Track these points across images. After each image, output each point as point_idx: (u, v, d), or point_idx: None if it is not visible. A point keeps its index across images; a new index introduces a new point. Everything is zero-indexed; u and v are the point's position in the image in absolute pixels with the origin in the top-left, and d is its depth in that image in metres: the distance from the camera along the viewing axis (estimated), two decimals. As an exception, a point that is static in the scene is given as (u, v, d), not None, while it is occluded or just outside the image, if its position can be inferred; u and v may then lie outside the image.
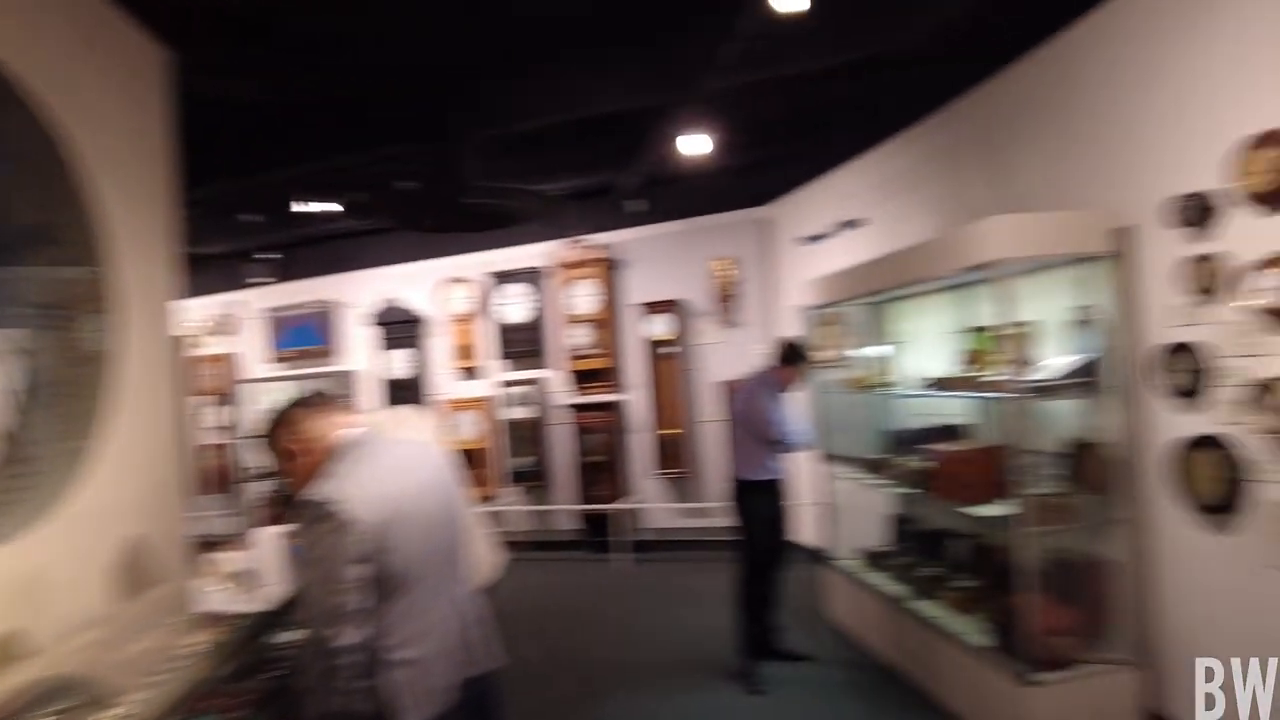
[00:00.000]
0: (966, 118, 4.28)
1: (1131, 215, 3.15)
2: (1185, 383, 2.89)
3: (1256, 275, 2.56)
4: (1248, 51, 2.59)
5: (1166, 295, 2.99)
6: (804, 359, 4.32)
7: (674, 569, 6.49)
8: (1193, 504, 2.91)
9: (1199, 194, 2.79)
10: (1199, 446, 2.85)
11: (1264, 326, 2.59)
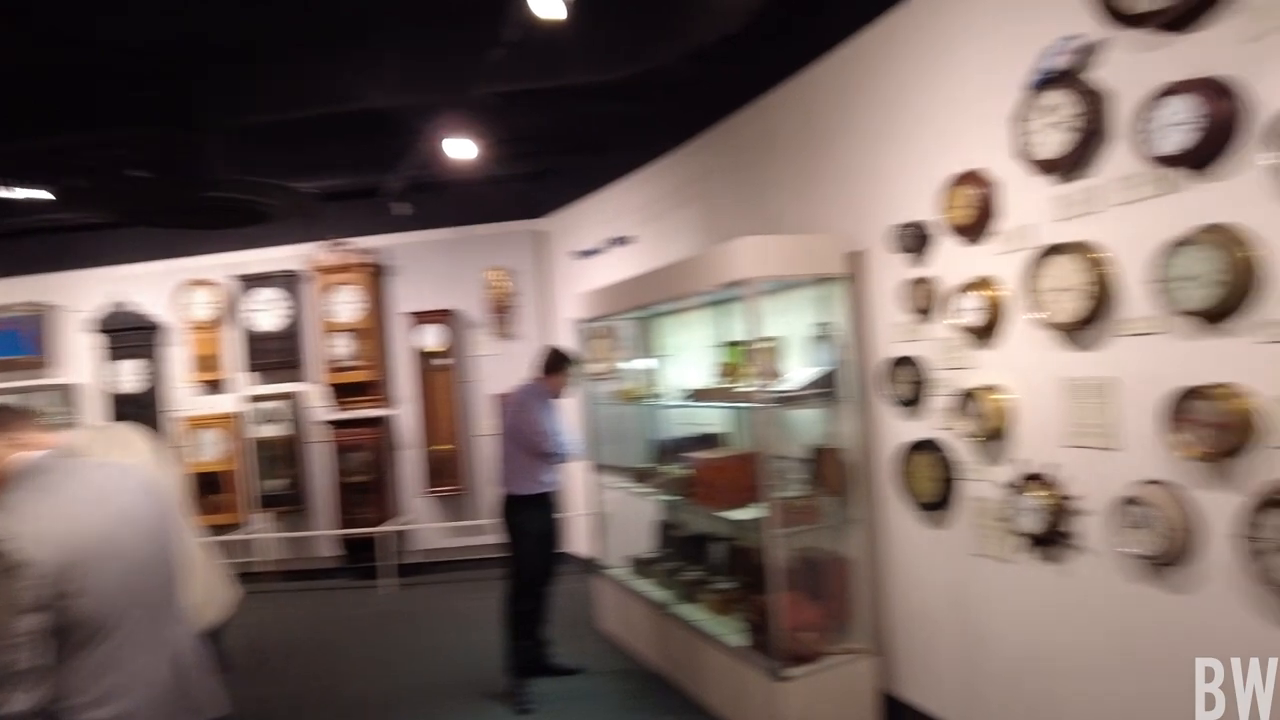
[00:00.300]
0: (725, 142, 4.52)
1: (864, 240, 3.46)
2: (907, 392, 3.21)
3: (960, 297, 2.89)
4: (961, 98, 2.93)
5: (892, 313, 3.32)
6: (569, 366, 4.32)
7: (444, 591, 6.25)
8: (914, 502, 3.23)
9: (916, 223, 3.12)
10: (919, 450, 3.18)
11: (967, 343, 2.94)
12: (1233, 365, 2.08)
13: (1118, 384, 2.40)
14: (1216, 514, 2.14)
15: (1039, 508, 2.60)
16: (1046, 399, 2.63)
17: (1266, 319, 1.99)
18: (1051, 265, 2.52)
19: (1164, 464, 2.27)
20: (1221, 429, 2.05)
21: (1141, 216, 2.29)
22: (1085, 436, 2.50)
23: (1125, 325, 2.35)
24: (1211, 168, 2.10)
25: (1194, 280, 2.08)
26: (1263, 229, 1.99)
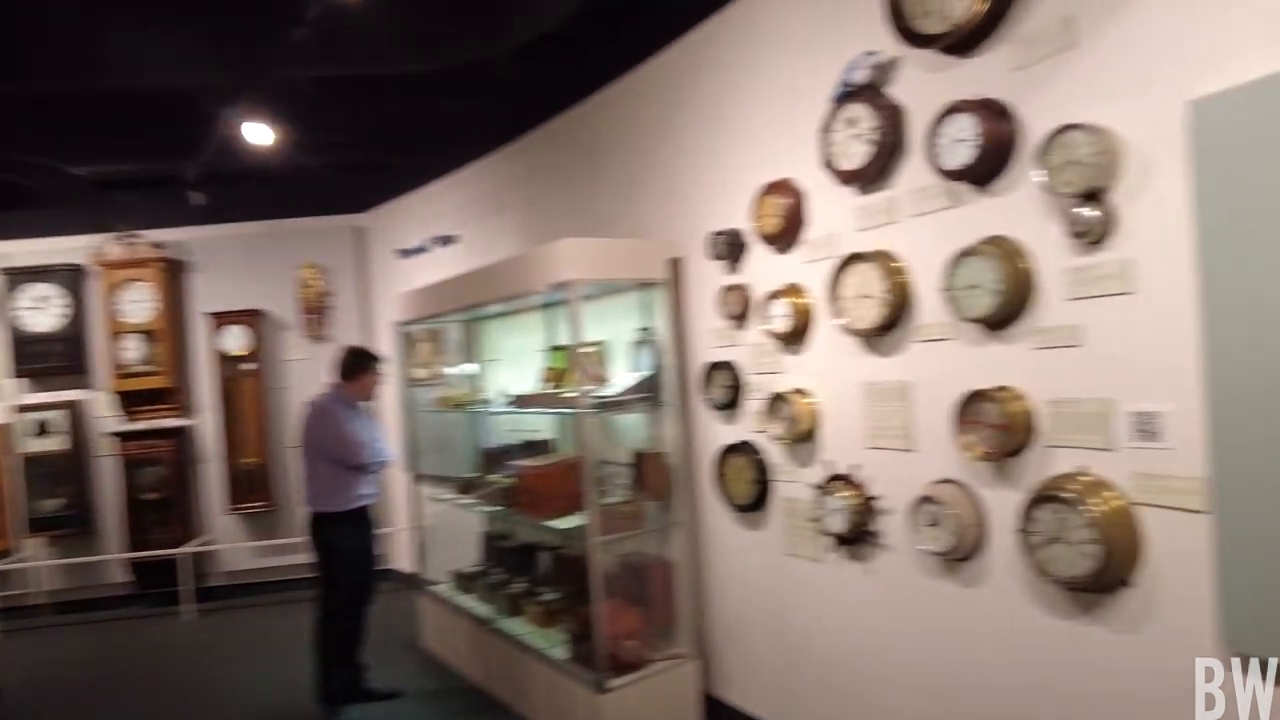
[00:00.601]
0: (552, 142, 4.42)
1: (685, 247, 3.47)
2: (724, 396, 3.24)
3: (771, 304, 2.94)
4: (773, 108, 2.98)
5: (710, 319, 3.34)
6: (373, 367, 4.05)
7: (252, 616, 5.76)
8: (732, 505, 3.26)
9: (731, 231, 3.15)
10: (735, 452, 3.21)
11: (777, 348, 3.00)
12: (1012, 370, 2.21)
13: (913, 388, 2.50)
14: (1000, 511, 2.28)
15: (845, 508, 2.68)
16: (850, 402, 2.72)
17: (1038, 326, 2.13)
18: (853, 273, 2.60)
19: (955, 464, 2.38)
20: (1002, 430, 2.17)
21: (933, 228, 2.40)
22: (885, 438, 2.60)
23: (920, 332, 2.46)
24: (992, 183, 2.22)
25: (977, 289, 2.20)
26: (1035, 242, 2.13)
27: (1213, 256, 1.73)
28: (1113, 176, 1.93)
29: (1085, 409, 2.03)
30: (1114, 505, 1.96)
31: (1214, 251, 1.73)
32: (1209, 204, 1.73)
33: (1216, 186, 1.71)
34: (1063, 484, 2.05)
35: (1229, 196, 1.69)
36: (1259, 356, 1.65)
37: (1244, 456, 1.70)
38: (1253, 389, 1.67)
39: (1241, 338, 1.68)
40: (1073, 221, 1.98)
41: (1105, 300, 1.98)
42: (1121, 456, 1.97)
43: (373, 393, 4.09)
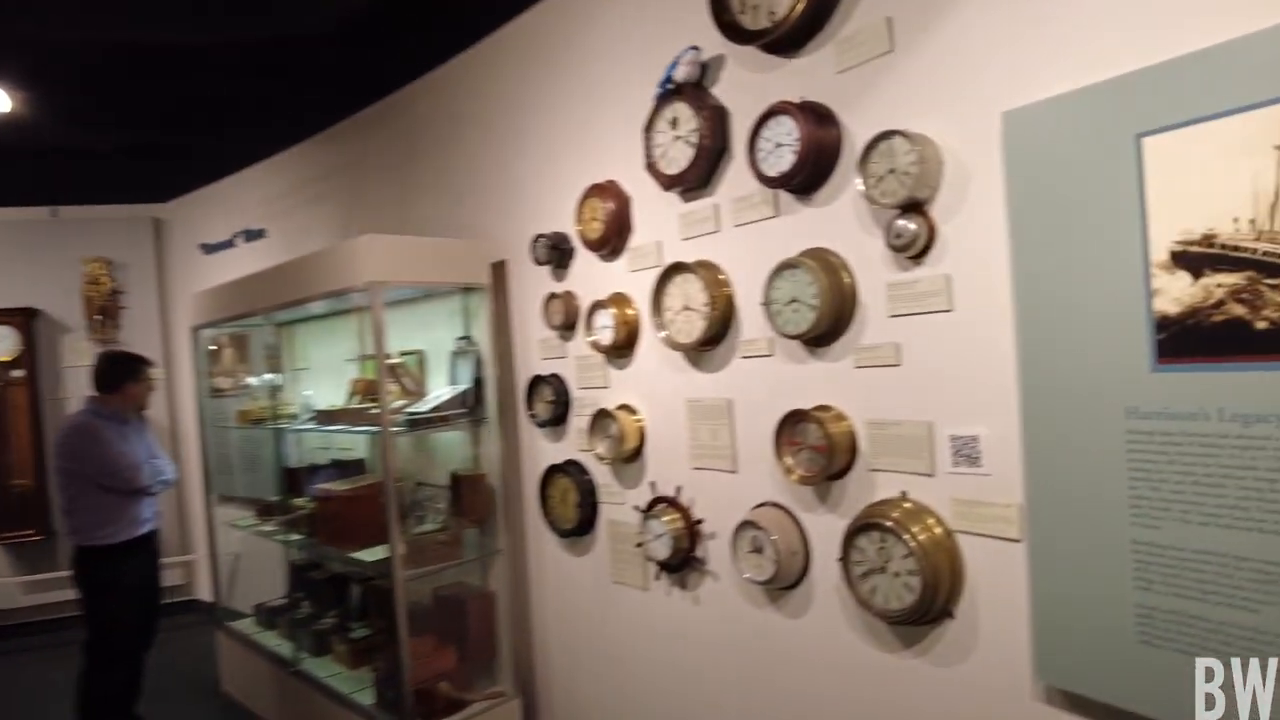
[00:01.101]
0: (369, 132, 4.04)
1: (509, 250, 3.21)
2: (550, 412, 3.00)
3: (596, 315, 2.73)
4: (597, 105, 2.77)
5: (535, 329, 3.09)
6: (138, 375, 3.55)
7: (18, 663, 4.97)
8: (557, 529, 3.02)
9: (555, 235, 2.91)
10: (560, 473, 2.98)
11: (602, 361, 2.79)
12: (834, 389, 2.09)
13: (737, 406, 2.36)
14: (822, 538, 2.16)
15: (669, 533, 2.50)
16: (676, 421, 2.55)
17: (860, 344, 2.02)
18: (677, 284, 2.43)
19: (777, 487, 2.25)
20: (823, 452, 2.05)
21: (755, 238, 2.26)
22: (710, 459, 2.44)
23: (743, 347, 2.32)
24: (815, 192, 2.10)
25: (798, 304, 2.07)
26: (857, 255, 2.02)
27: (1025, 273, 1.66)
28: (933, 188, 1.83)
29: (906, 431, 1.94)
30: (935, 533, 1.87)
31: (1026, 268, 1.66)
32: (1021, 219, 1.66)
33: (1027, 201, 1.64)
34: (884, 511, 1.94)
35: (1039, 212, 1.62)
36: (1064, 378, 1.59)
37: (1054, 482, 1.63)
38: (1061, 412, 1.60)
39: (1050, 357, 1.62)
40: (895, 234, 1.87)
41: (926, 317, 1.89)
42: (942, 482, 1.88)
43: (144, 402, 3.57)
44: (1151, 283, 1.45)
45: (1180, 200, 1.41)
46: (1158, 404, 1.45)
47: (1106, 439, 1.53)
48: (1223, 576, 1.39)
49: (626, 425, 2.66)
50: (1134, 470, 1.49)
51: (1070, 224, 1.56)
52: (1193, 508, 1.42)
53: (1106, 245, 1.51)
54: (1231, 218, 1.35)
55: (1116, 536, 1.53)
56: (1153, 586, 1.49)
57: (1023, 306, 1.67)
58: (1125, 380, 1.49)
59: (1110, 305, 1.51)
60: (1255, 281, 1.33)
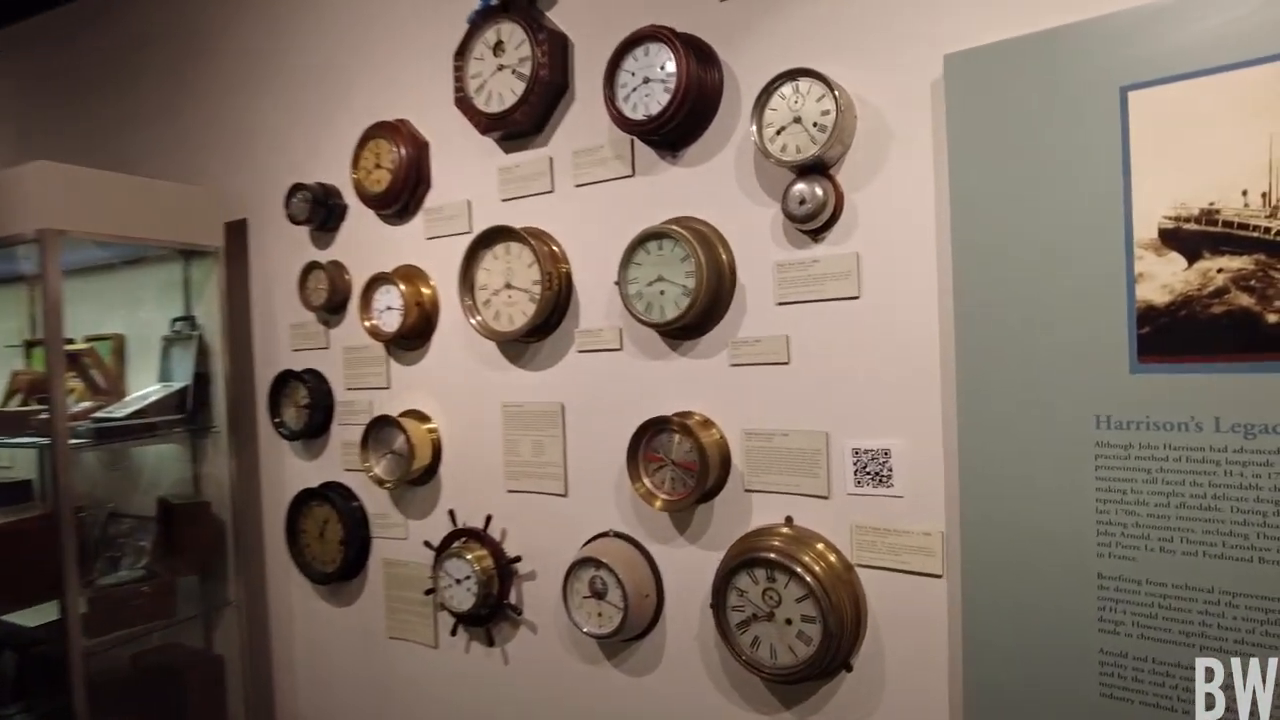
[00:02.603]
0: (81, 35, 3.00)
1: (255, 203, 2.46)
2: (305, 421, 2.31)
3: (377, 292, 2.11)
4: (384, 24, 2.16)
5: (289, 310, 2.38)
6: None
7: None
8: (313, 573, 2.33)
9: (320, 187, 2.24)
10: (319, 500, 2.29)
11: (383, 355, 2.18)
12: (704, 392, 1.69)
13: (574, 413, 1.88)
14: (680, 574, 1.74)
15: (474, 574, 1.94)
16: (485, 431, 2.01)
17: (740, 336, 1.64)
18: (494, 257, 1.90)
19: (627, 514, 1.80)
20: (689, 470, 1.63)
21: (607, 201, 1.80)
22: (534, 479, 1.93)
23: (585, 339, 1.84)
24: (688, 146, 1.69)
25: (665, 284, 1.64)
26: (741, 227, 1.64)
27: (965, 252, 1.36)
28: (845, 146, 1.49)
29: (795, 444, 1.58)
30: (832, 567, 1.52)
31: (967, 246, 1.36)
32: (964, 187, 1.36)
33: (972, 165, 1.35)
34: (764, 541, 1.57)
35: (987, 179, 1.33)
36: (1013, 380, 1.31)
37: (994, 505, 1.35)
38: (1008, 421, 1.32)
39: (994, 355, 1.33)
40: (797, 201, 1.51)
41: (826, 305, 1.54)
42: (841, 505, 1.54)
43: None
44: (1134, 266, 1.20)
45: (1174, 168, 1.17)
46: (1136, 411, 1.20)
47: (1068, 453, 1.26)
48: (1211, 616, 1.16)
49: (416, 437, 2.06)
50: (1104, 491, 1.24)
51: (1030, 195, 1.28)
52: (1177, 535, 1.18)
53: (1077, 221, 1.24)
54: (1239, 190, 1.12)
55: (1077, 570, 1.27)
56: (1121, 628, 1.23)
57: (960, 293, 1.37)
58: (1096, 383, 1.23)
59: (1080, 293, 1.24)
60: (1267, 266, 1.11)
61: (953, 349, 1.40)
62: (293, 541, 2.35)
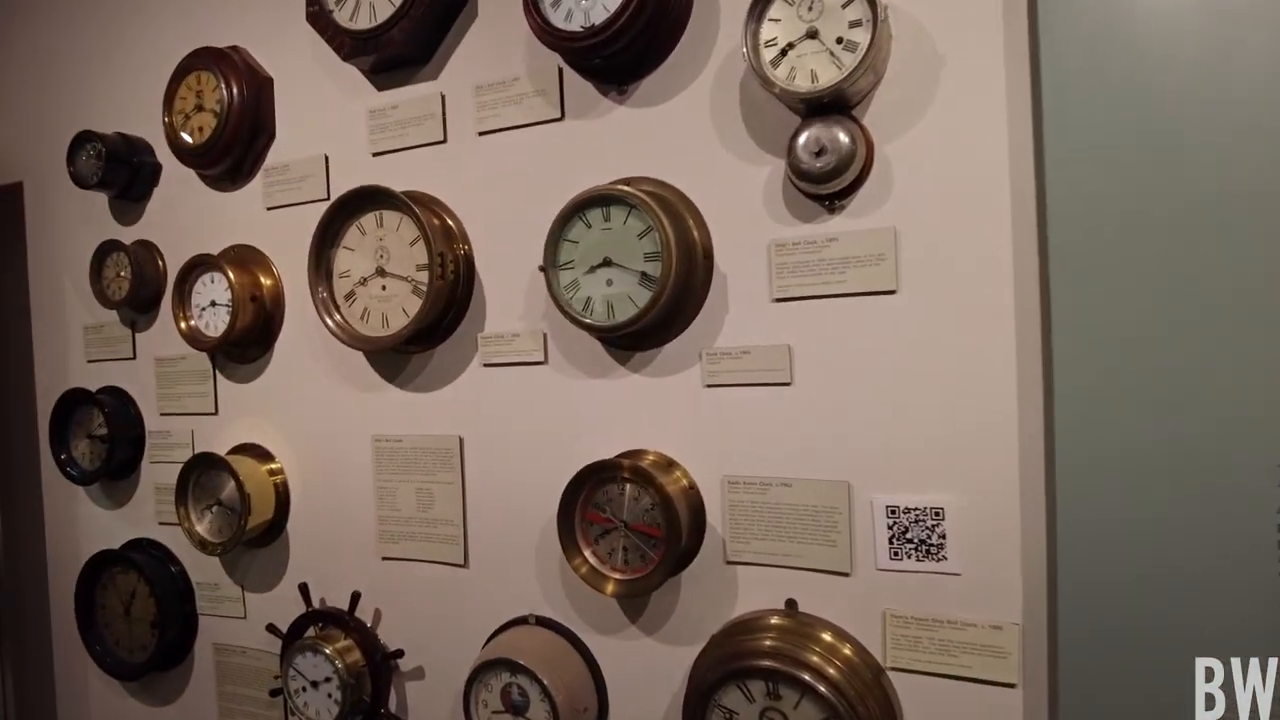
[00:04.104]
0: None
1: (31, 161, 1.82)
2: (101, 457, 1.68)
3: (195, 282, 1.53)
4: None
5: (80, 306, 1.75)
6: None
7: None
8: (116, 663, 1.71)
9: (120, 139, 1.63)
10: (123, 565, 1.68)
11: (207, 366, 1.59)
12: (662, 422, 1.20)
13: (471, 450, 1.35)
14: (641, 684, 1.25)
15: (337, 674, 1.39)
16: (349, 474, 1.45)
17: (719, 345, 1.16)
18: (365, 230, 1.35)
19: (553, 592, 1.30)
20: (658, 537, 1.14)
21: (522, 154, 1.29)
22: (416, 543, 1.39)
23: (488, 345, 1.32)
24: (638, 79, 1.20)
25: (615, 270, 1.14)
26: (713, 190, 1.16)
27: (1063, 228, 0.93)
28: (875, 74, 1.04)
29: (802, 498, 1.11)
30: (854, 674, 1.06)
31: (1066, 220, 0.93)
32: (1061, 130, 0.92)
33: (1076, 97, 0.91)
34: (762, 640, 1.10)
35: (1098, 117, 0.90)
36: (1148, 420, 0.89)
37: (1110, 593, 0.92)
38: (1138, 467, 0.89)
39: (1116, 385, 0.90)
40: (812, 149, 1.04)
41: (847, 303, 1.08)
42: (868, 585, 1.09)
43: None
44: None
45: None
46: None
47: (1233, 523, 0.85)
48: None
49: (253, 483, 1.49)
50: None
51: (1179, 148, 0.86)
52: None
53: (1258, 183, 0.82)
54: None
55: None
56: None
57: (1058, 291, 0.93)
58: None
59: (1257, 287, 0.83)
60: None
61: (1037, 368, 0.97)
62: (87, 622, 1.72)
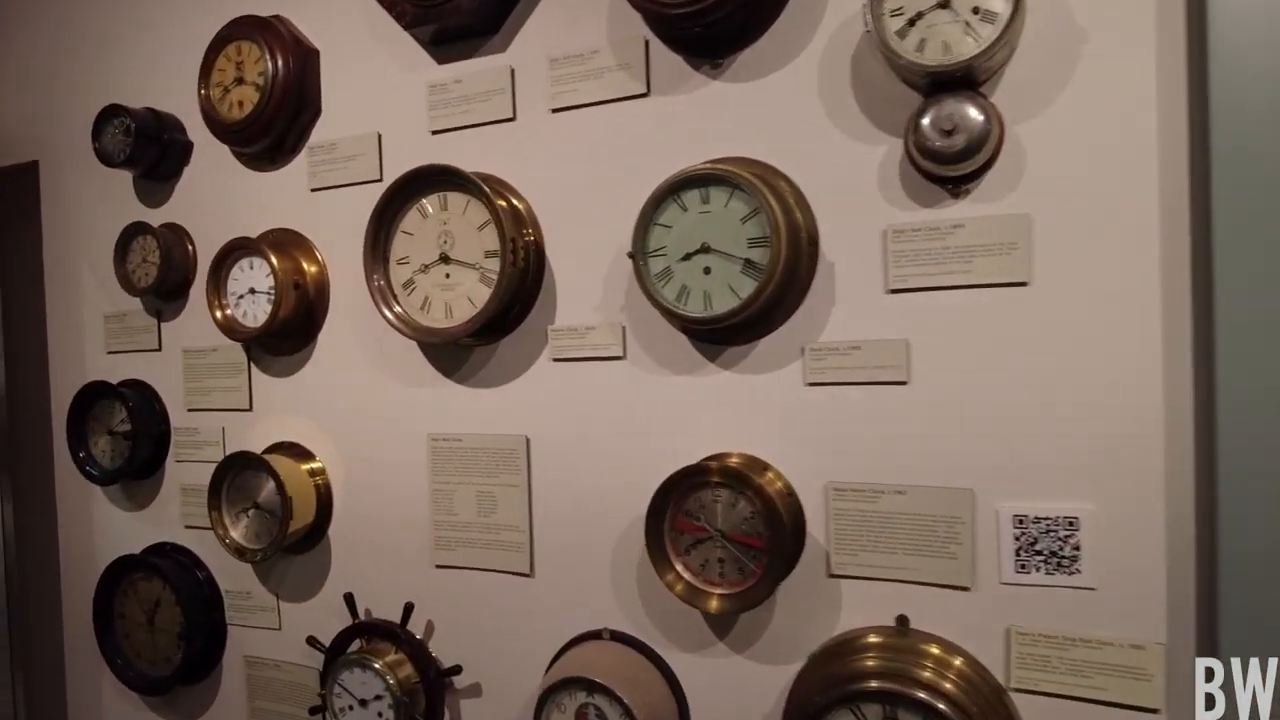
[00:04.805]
0: None
1: (48, 139, 1.72)
2: (123, 455, 1.58)
3: (231, 268, 1.42)
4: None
5: (100, 294, 1.64)
6: None
7: None
8: (137, 677, 1.60)
9: (150, 114, 1.53)
10: (146, 571, 1.57)
11: (241, 359, 1.49)
12: (766, 424, 1.11)
13: (538, 451, 1.26)
14: (730, 708, 1.16)
15: (387, 693, 1.29)
16: (400, 477, 1.36)
17: (823, 340, 1.07)
18: (424, 216, 1.26)
19: (630, 604, 1.21)
20: (760, 548, 1.06)
21: (600, 133, 1.20)
22: (475, 551, 1.30)
23: (558, 339, 1.23)
24: (738, 50, 1.11)
25: (714, 257, 1.05)
26: (820, 173, 1.07)
27: (1230, 216, 0.85)
28: (1010, 47, 0.95)
29: (917, 506, 1.03)
30: (975, 693, 0.98)
31: (1234, 209, 0.85)
32: (1230, 109, 0.85)
33: (1250, 72, 0.83)
34: (870, 656, 1.01)
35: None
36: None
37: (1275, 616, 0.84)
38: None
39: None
40: (941, 129, 0.95)
41: (972, 296, 1.00)
42: (991, 599, 1.01)
43: None
44: None
45: None
46: None
47: None
48: None
49: (294, 483, 1.39)
50: None
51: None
52: None
53: None
54: None
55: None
56: None
57: (1223, 283, 0.85)
58: None
59: None
60: None
61: (1185, 366, 0.89)
62: (105, 633, 1.61)
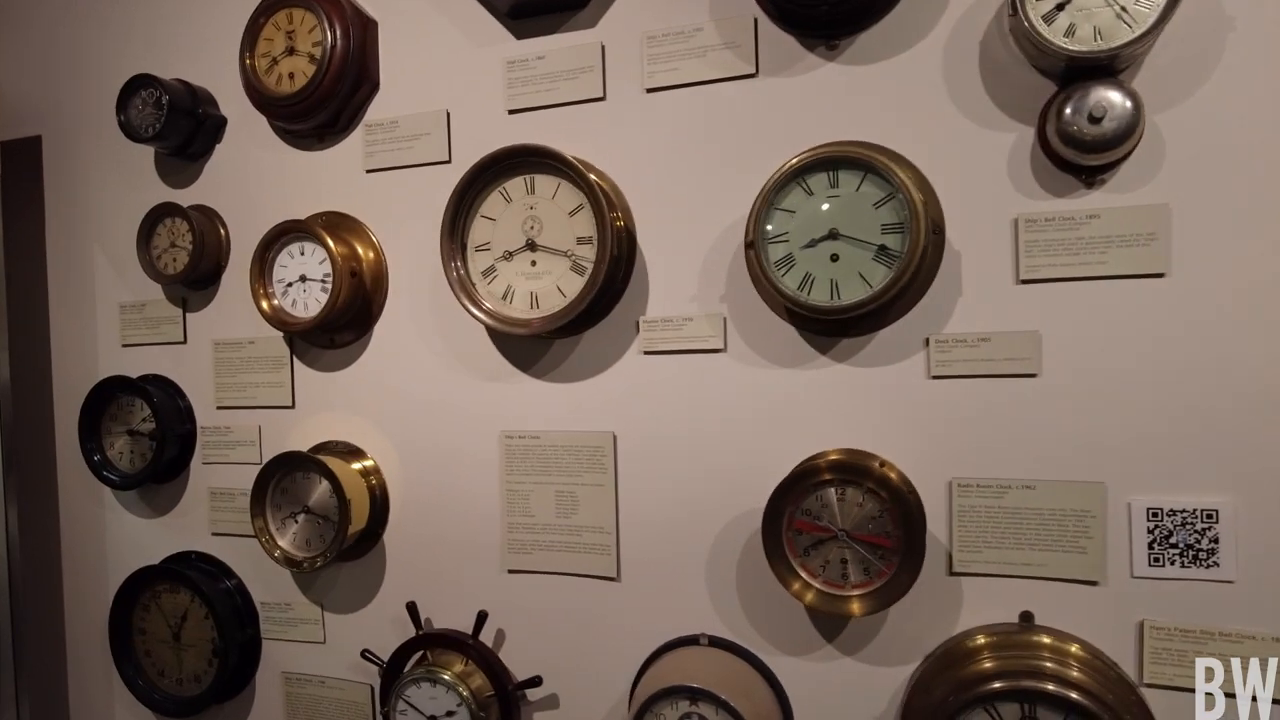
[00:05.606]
0: None
1: (59, 110, 1.58)
2: (144, 456, 1.45)
3: (278, 254, 1.33)
4: None
5: (118, 282, 1.52)
6: None
7: None
8: (162, 698, 1.48)
9: (181, 86, 1.41)
10: (171, 582, 1.45)
11: (283, 351, 1.39)
12: (887, 417, 1.08)
13: (624, 449, 1.20)
14: (840, 715, 1.11)
15: (465, 705, 1.21)
16: (470, 476, 1.28)
17: (950, 331, 1.04)
18: (507, 200, 1.18)
19: (728, 608, 1.15)
20: (890, 547, 1.02)
21: (706, 115, 1.14)
22: (553, 554, 1.23)
23: (655, 331, 1.17)
24: (858, 31, 1.07)
25: (842, 243, 1.01)
26: (945, 158, 1.04)
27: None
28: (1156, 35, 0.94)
29: (1047, 501, 1.01)
30: (1110, 691, 0.96)
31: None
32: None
33: None
34: (1000, 654, 0.99)
35: None
36: None
37: None
38: None
39: None
40: (1088, 117, 0.93)
41: (1106, 286, 0.99)
42: (1122, 594, 0.99)
43: None
44: None
45: None
46: None
47: None
48: None
49: (349, 485, 1.29)
50: None
51: None
52: None
53: None
54: None
55: None
56: None
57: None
58: None
59: None
60: None
61: (1332, 356, 0.89)
62: (124, 651, 1.48)
